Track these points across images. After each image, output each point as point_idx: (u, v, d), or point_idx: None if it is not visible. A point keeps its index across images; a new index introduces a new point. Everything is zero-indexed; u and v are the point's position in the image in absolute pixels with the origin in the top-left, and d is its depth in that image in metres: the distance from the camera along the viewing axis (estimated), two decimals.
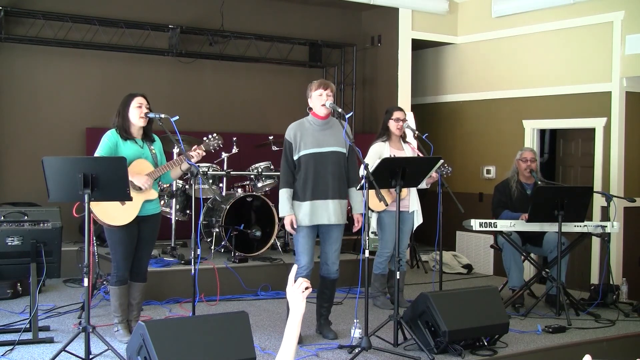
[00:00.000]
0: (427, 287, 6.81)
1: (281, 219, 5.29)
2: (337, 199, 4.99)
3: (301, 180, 4.94)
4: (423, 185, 5.98)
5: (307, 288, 2.54)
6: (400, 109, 6.15)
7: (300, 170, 4.94)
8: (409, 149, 6.12)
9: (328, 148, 4.95)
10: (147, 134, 4.91)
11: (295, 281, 2.57)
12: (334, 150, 4.97)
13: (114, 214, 4.66)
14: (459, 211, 5.88)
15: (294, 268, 2.74)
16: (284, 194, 4.96)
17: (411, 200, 6.05)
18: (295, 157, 4.94)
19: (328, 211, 4.95)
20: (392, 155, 5.84)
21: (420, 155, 6.14)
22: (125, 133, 4.78)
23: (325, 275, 5.11)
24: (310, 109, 5.04)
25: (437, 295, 4.94)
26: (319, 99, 4.95)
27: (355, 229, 5.16)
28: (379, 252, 6.10)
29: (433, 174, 5.88)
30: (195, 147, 4.94)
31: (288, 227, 4.99)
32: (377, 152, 5.93)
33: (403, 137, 6.14)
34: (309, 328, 5.20)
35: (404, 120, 6.08)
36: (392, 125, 6.04)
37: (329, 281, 5.12)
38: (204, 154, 4.94)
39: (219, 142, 5.16)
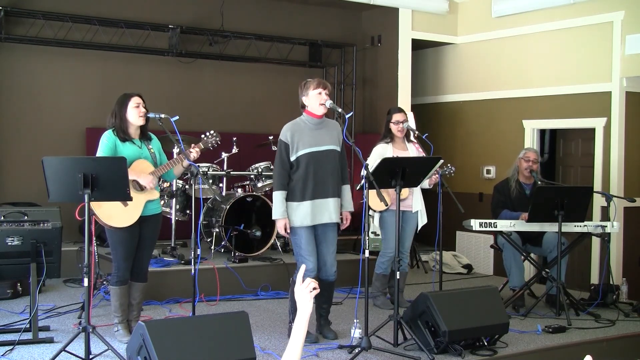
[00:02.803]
0: (427, 287, 6.81)
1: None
2: (336, 197, 5.01)
3: (300, 180, 4.91)
4: (425, 185, 5.99)
5: (314, 288, 2.58)
6: (400, 111, 6.15)
7: (299, 169, 4.91)
8: (414, 149, 6.12)
9: (325, 146, 4.97)
10: (145, 134, 4.90)
11: (303, 281, 2.61)
12: (331, 148, 4.99)
13: (116, 215, 4.65)
14: (459, 211, 5.88)
15: (302, 267, 2.75)
16: (280, 196, 4.92)
17: (414, 200, 6.05)
18: (293, 158, 4.91)
19: (329, 210, 4.96)
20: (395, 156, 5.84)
21: (422, 152, 6.15)
22: (123, 134, 4.77)
23: (324, 278, 5.06)
24: (305, 107, 5.02)
25: (437, 295, 4.94)
26: (318, 98, 4.93)
27: (343, 227, 5.16)
28: (382, 252, 6.08)
29: (435, 175, 5.88)
30: (193, 145, 4.94)
31: (282, 231, 4.95)
32: (380, 154, 5.92)
33: (407, 136, 6.15)
34: (309, 328, 5.19)
35: (404, 121, 6.08)
36: (393, 128, 6.05)
37: (327, 283, 5.07)
38: (199, 151, 4.91)
39: (217, 139, 5.15)
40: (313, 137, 4.95)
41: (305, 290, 2.57)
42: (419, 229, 6.22)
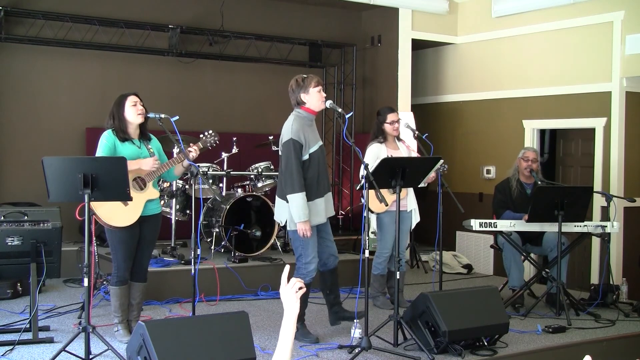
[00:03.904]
0: (427, 287, 6.82)
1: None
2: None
3: (314, 178, 4.93)
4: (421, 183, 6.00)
5: (300, 288, 2.53)
6: (393, 111, 6.15)
7: (311, 167, 4.91)
8: (404, 147, 6.14)
9: (321, 142, 5.07)
10: (144, 133, 4.90)
11: (288, 281, 2.56)
12: (322, 144, 5.10)
13: (117, 215, 4.65)
14: (459, 211, 5.88)
15: (287, 268, 2.70)
16: (301, 198, 4.82)
17: (409, 199, 6.07)
18: (306, 157, 4.91)
19: (332, 203, 5.13)
20: (390, 156, 5.85)
21: (414, 151, 6.16)
22: (122, 134, 4.77)
23: (333, 265, 5.15)
24: (302, 104, 5.00)
25: (437, 295, 4.94)
26: (319, 96, 4.96)
27: None
28: (378, 253, 6.09)
29: (432, 173, 5.89)
30: (191, 144, 4.95)
31: (308, 233, 4.86)
32: (375, 153, 5.93)
33: (397, 135, 6.17)
34: (309, 328, 5.19)
35: (399, 120, 6.09)
36: (389, 128, 6.04)
37: (335, 270, 5.17)
38: (198, 150, 4.91)
39: (215, 138, 5.15)
40: (313, 133, 5.00)
41: (291, 291, 2.52)
42: (412, 227, 6.24)
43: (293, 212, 4.85)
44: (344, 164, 9.63)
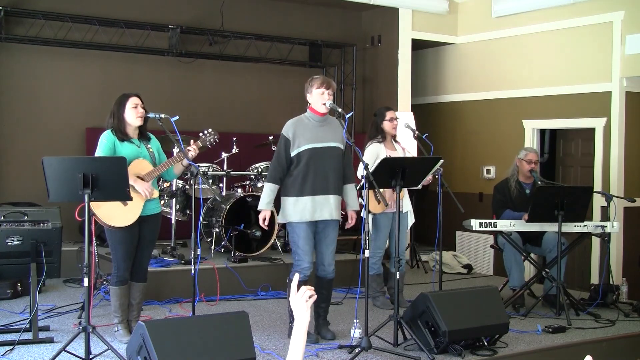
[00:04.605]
0: (427, 287, 6.82)
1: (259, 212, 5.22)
2: (336, 194, 5.02)
3: (300, 175, 4.92)
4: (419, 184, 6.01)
5: (311, 296, 2.49)
6: (391, 108, 6.18)
7: (300, 165, 4.92)
8: (400, 148, 6.16)
9: (327, 143, 4.98)
10: (143, 133, 4.90)
11: (298, 289, 2.51)
12: (333, 145, 5.00)
13: (116, 215, 4.65)
14: (459, 211, 5.88)
15: (296, 277, 2.68)
16: (269, 188, 4.99)
17: (404, 201, 6.07)
18: (293, 153, 4.93)
19: (330, 206, 4.97)
20: (388, 156, 5.86)
21: (410, 153, 6.17)
22: (121, 134, 4.77)
23: (322, 275, 5.09)
24: (309, 104, 5.04)
25: (437, 295, 4.94)
26: (320, 97, 4.96)
27: (348, 226, 5.15)
28: (372, 253, 6.07)
29: (429, 176, 5.90)
30: (192, 141, 4.95)
31: (262, 222, 4.99)
32: (375, 153, 5.95)
33: (393, 136, 6.18)
34: (308, 327, 5.18)
35: (397, 118, 6.12)
36: (388, 126, 6.06)
37: (326, 281, 5.11)
38: (197, 149, 4.91)
39: (215, 137, 5.15)
40: (315, 133, 4.96)
41: (301, 300, 2.48)
42: (408, 228, 6.22)
43: (260, 198, 5.03)
44: None
